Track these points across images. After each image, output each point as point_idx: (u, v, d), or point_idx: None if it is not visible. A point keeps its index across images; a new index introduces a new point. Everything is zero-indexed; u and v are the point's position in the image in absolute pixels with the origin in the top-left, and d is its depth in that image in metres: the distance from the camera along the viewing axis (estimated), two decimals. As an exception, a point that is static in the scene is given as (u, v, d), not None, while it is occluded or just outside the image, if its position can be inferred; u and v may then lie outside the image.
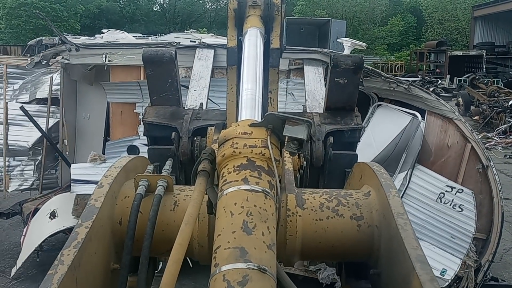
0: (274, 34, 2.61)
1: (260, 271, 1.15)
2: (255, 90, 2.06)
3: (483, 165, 6.58)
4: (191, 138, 2.45)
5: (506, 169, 14.56)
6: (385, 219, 1.62)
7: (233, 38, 2.62)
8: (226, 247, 1.21)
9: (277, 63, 2.62)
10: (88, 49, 7.04)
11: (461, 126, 6.58)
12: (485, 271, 6.80)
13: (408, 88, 6.51)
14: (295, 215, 1.69)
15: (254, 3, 2.64)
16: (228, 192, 1.37)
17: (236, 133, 1.50)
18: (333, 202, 1.73)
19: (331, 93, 2.59)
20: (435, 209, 6.55)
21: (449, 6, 48.49)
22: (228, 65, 2.61)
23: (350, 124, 2.54)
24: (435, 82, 35.65)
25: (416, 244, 1.42)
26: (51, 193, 8.45)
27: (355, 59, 2.49)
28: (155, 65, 2.55)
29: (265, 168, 1.45)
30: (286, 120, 1.49)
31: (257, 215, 1.30)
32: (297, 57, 6.34)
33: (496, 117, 20.22)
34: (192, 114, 2.58)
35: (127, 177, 1.85)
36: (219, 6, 67.14)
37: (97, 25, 58.37)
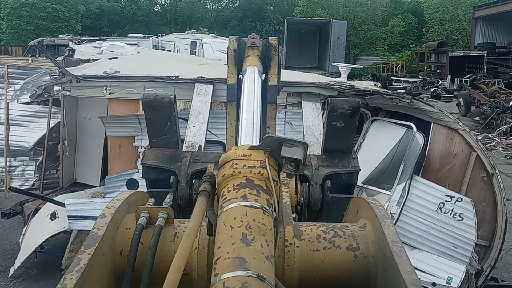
0: (272, 72, 2.74)
1: (259, 279, 1.18)
2: (252, 119, 2.15)
3: (488, 173, 6.64)
4: (190, 182, 2.46)
5: (506, 170, 14.56)
6: (381, 248, 1.66)
7: (233, 76, 2.74)
8: (226, 258, 1.25)
9: (274, 100, 2.72)
10: (88, 81, 7.04)
11: (466, 136, 6.65)
12: (486, 275, 6.84)
13: (411, 103, 6.59)
14: (292, 246, 1.72)
15: (253, 44, 2.77)
16: (228, 209, 1.42)
17: (236, 155, 1.57)
18: (330, 233, 1.76)
19: (329, 136, 2.63)
20: (436, 219, 6.60)
21: (450, 7, 48.49)
22: (228, 101, 2.70)
23: (348, 167, 2.57)
24: (435, 82, 35.67)
25: (411, 270, 1.46)
26: (52, 193, 8.47)
27: (352, 103, 2.54)
28: (155, 109, 2.59)
29: (263, 187, 1.51)
30: (283, 142, 1.55)
31: (256, 229, 1.34)
32: (295, 90, 6.53)
33: (496, 117, 20.22)
34: (190, 157, 2.60)
35: (128, 210, 1.89)
36: (220, 6, 67.19)
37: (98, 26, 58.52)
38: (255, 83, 2.46)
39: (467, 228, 6.51)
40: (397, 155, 6.54)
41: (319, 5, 49.26)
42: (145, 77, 6.96)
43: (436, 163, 6.66)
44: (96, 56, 8.10)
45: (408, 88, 33.36)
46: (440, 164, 6.66)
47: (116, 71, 7.01)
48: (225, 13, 66.33)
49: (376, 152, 6.62)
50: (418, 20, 55.26)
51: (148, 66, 7.97)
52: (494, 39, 40.18)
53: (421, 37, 53.30)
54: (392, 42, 51.80)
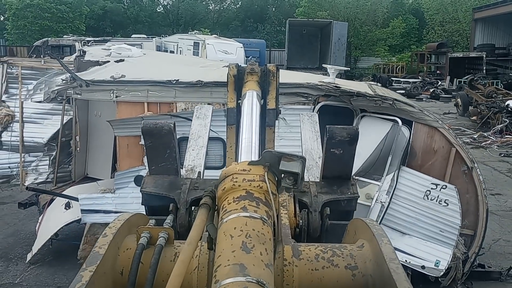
0: (270, 97, 2.85)
1: (259, 285, 1.21)
2: (251, 138, 2.25)
3: (468, 166, 7.13)
4: (189, 209, 2.47)
5: (500, 167, 15.05)
6: (378, 266, 1.68)
7: (233, 101, 2.84)
8: (226, 265, 1.28)
9: (273, 123, 2.80)
10: (97, 85, 7.60)
11: (446, 133, 7.15)
12: (472, 262, 7.33)
13: (393, 104, 7.09)
14: (291, 265, 1.74)
15: (252, 70, 2.85)
16: (228, 219, 1.47)
17: (236, 170, 1.62)
18: (328, 253, 1.79)
19: (327, 163, 2.62)
20: (423, 206, 7.08)
21: (450, 8, 48.83)
22: (228, 125, 2.79)
23: (347, 194, 2.55)
24: (435, 83, 36.11)
25: (408, 285, 1.48)
26: (65, 186, 8.99)
27: (350, 131, 2.55)
28: (154, 137, 2.61)
29: (262, 200, 1.56)
30: (282, 157, 1.61)
31: (255, 238, 1.39)
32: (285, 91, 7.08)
33: (493, 117, 20.66)
34: (190, 184, 2.59)
35: (129, 231, 1.91)
36: (222, 7, 67.62)
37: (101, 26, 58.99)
38: (254, 106, 2.57)
39: (452, 213, 7.00)
40: (385, 148, 7.04)
41: (321, 7, 49.63)
42: (148, 81, 7.53)
43: (418, 160, 7.17)
44: (105, 58, 8.62)
45: (408, 89, 33.82)
46: (422, 160, 7.16)
47: (122, 75, 7.56)
48: (227, 14, 66.75)
49: (366, 145, 7.10)
50: (419, 21, 55.56)
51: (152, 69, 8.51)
52: (493, 41, 40.52)
53: (422, 38, 53.63)
54: (393, 43, 52.16)
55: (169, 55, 19.35)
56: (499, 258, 8.62)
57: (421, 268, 6.99)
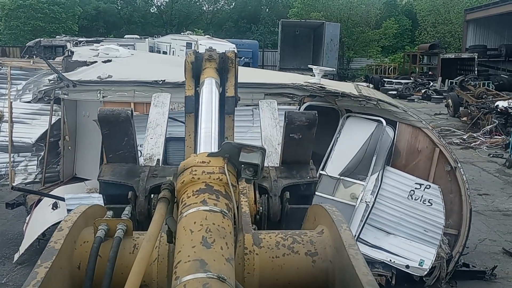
0: (229, 84, 2.81)
1: (220, 280, 1.21)
2: (211, 128, 2.21)
3: (451, 166, 7.22)
4: (148, 197, 2.43)
5: (488, 167, 15.17)
6: (338, 252, 1.70)
7: (191, 88, 2.78)
8: (186, 261, 1.27)
9: (232, 111, 2.78)
10: (84, 85, 7.62)
11: (429, 133, 7.23)
12: (456, 261, 7.42)
13: (377, 104, 7.17)
14: (252, 253, 1.74)
15: (210, 57, 2.81)
16: (188, 214, 1.44)
17: (195, 162, 1.59)
18: (289, 240, 1.79)
19: (287, 148, 2.65)
20: (407, 206, 7.18)
21: (442, 10, 49.01)
22: (186, 113, 2.74)
23: (306, 178, 2.59)
24: (427, 84, 36.26)
25: (367, 271, 1.50)
26: (53, 186, 9.00)
27: (309, 116, 2.58)
28: (111, 125, 2.56)
29: (222, 192, 1.54)
30: (241, 148, 1.59)
31: (215, 232, 1.37)
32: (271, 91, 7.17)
33: (483, 118, 20.79)
34: (148, 172, 2.55)
35: (86, 224, 1.86)
36: (216, 8, 67.59)
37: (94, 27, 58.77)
38: (213, 95, 2.53)
39: (436, 213, 7.09)
40: (370, 148, 7.12)
41: (314, 8, 49.72)
42: (134, 81, 7.57)
43: (402, 160, 7.26)
44: (92, 59, 8.65)
45: (399, 90, 33.98)
46: (406, 161, 7.25)
47: (109, 75, 7.60)
48: (221, 14, 66.65)
49: (351, 145, 7.19)
50: (412, 22, 55.76)
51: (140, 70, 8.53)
52: (485, 42, 40.68)
53: (414, 39, 53.83)
54: (386, 44, 52.33)
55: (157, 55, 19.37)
56: (484, 258, 8.70)
57: (405, 268, 7.06)
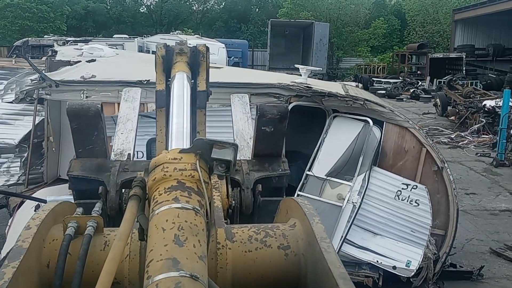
0: (201, 78, 2.79)
1: (193, 279, 1.21)
2: (183, 123, 2.20)
3: (438, 166, 7.19)
4: (119, 191, 2.39)
5: (476, 166, 15.21)
6: (310, 245, 1.71)
7: (162, 82, 2.78)
8: (158, 259, 1.25)
9: (204, 105, 2.76)
10: (67, 85, 7.48)
11: (416, 133, 7.20)
12: (443, 261, 7.40)
13: (364, 104, 7.12)
14: (225, 248, 1.74)
15: (181, 50, 2.79)
16: (160, 211, 1.43)
17: (166, 159, 1.58)
18: (261, 234, 1.79)
19: (259, 141, 2.65)
20: (394, 206, 7.14)
21: (430, 10, 49.28)
22: (157, 108, 2.73)
23: (278, 170, 2.60)
24: (415, 83, 36.42)
25: (339, 264, 1.51)
26: (37, 188, 8.84)
27: (280, 109, 2.59)
28: (81, 119, 2.53)
29: (194, 189, 1.52)
30: (213, 144, 1.58)
31: (188, 230, 1.36)
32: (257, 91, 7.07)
33: (471, 117, 20.88)
34: (119, 166, 2.53)
35: (55, 221, 1.81)
36: (206, 8, 67.42)
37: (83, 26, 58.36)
38: (184, 89, 2.52)
39: (423, 213, 7.06)
40: (357, 148, 7.07)
41: (303, 7, 49.77)
42: (118, 81, 7.44)
43: (389, 160, 7.22)
44: (76, 58, 8.51)
45: (388, 89, 34.07)
46: (393, 161, 7.21)
47: (93, 75, 7.46)
48: (210, 14, 66.45)
49: (338, 145, 7.14)
50: (401, 22, 55.99)
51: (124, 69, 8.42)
52: (473, 41, 40.99)
53: (403, 39, 54.08)
54: (375, 44, 52.51)
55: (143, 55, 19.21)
56: (472, 258, 8.70)
57: (392, 269, 7.02)
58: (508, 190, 12.84)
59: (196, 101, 2.71)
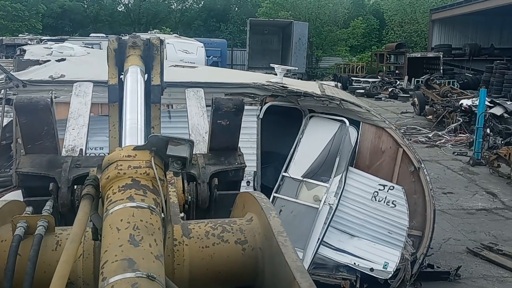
0: (155, 72, 2.74)
1: (149, 279, 1.19)
2: (137, 119, 2.15)
3: (415, 167, 7.13)
4: (71, 188, 2.33)
5: (453, 166, 15.30)
6: (267, 239, 1.70)
7: (114, 76, 2.71)
8: (113, 260, 1.23)
9: (158, 100, 2.71)
10: (35, 85, 7.21)
11: (393, 134, 7.13)
12: (420, 263, 7.35)
13: (340, 104, 7.02)
14: (181, 244, 1.71)
15: (134, 44, 2.74)
16: (114, 211, 1.39)
17: (120, 156, 1.54)
18: (218, 229, 1.78)
19: (214, 135, 2.64)
20: (371, 207, 7.06)
21: (408, 9, 49.70)
22: (110, 103, 2.66)
23: (234, 164, 2.60)
24: (394, 83, 36.68)
25: (296, 257, 1.50)
26: (5, 191, 8.56)
27: (236, 102, 2.58)
28: (30, 114, 2.45)
29: (150, 187, 1.49)
30: (169, 141, 1.55)
31: (143, 229, 1.34)
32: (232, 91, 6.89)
33: (448, 116, 21.05)
34: (71, 162, 2.45)
35: (3, 221, 1.75)
36: (185, 6, 66.97)
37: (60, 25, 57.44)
38: (138, 83, 2.47)
39: (400, 214, 6.99)
40: (333, 149, 6.97)
41: (282, 7, 49.76)
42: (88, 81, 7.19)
43: (366, 160, 7.14)
44: (45, 57, 8.24)
45: (367, 88, 34.23)
46: (370, 161, 7.14)
47: (62, 75, 7.21)
48: (189, 13, 65.97)
49: (314, 146, 7.03)
50: (379, 22, 56.39)
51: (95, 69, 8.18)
52: (450, 41, 41.44)
53: (382, 39, 54.48)
54: (354, 43, 52.79)
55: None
56: (449, 258, 8.69)
57: (369, 271, 6.94)
58: (484, 189, 12.93)
59: (150, 95, 2.64)
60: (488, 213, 11.18)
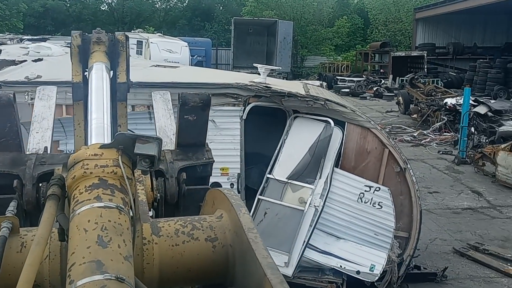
0: (120, 69, 2.68)
1: (118, 281, 1.16)
2: (103, 118, 2.10)
3: (401, 167, 7.03)
4: (36, 185, 2.28)
5: (438, 164, 15.30)
6: (238, 236, 1.69)
7: (78, 74, 2.62)
8: (81, 263, 1.20)
9: (124, 97, 2.65)
10: (10, 86, 6.97)
11: (378, 134, 7.02)
12: (407, 264, 7.25)
13: (325, 104, 6.89)
14: (151, 243, 1.69)
15: (98, 39, 2.67)
16: (81, 211, 1.37)
17: (86, 155, 1.50)
18: (188, 227, 1.76)
19: (181, 130, 2.62)
20: (357, 209, 6.94)
21: (392, 8, 49.94)
22: (74, 101, 2.58)
23: (202, 159, 2.59)
24: (378, 82, 36.80)
25: (266, 254, 1.49)
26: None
27: (202, 97, 2.56)
28: None
29: (117, 186, 1.47)
30: (136, 139, 1.52)
31: (112, 229, 1.31)
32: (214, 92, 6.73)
33: (432, 115, 21.10)
34: (36, 159, 2.40)
35: None
36: (169, 5, 66.52)
37: (42, 25, 56.65)
38: (103, 81, 2.41)
39: (386, 216, 6.89)
40: (318, 150, 6.83)
41: (267, 6, 49.64)
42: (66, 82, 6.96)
43: (351, 161, 7.02)
44: (22, 57, 7.98)
45: (352, 87, 34.26)
46: (356, 162, 7.02)
47: (38, 75, 6.98)
48: (174, 12, 65.57)
49: (299, 147, 6.89)
50: (364, 21, 56.56)
51: None
52: (434, 40, 41.75)
53: (366, 38, 54.66)
54: (339, 43, 52.86)
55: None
56: (435, 258, 8.62)
57: (356, 274, 6.82)
58: (470, 188, 12.93)
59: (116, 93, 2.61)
60: (473, 212, 11.16)
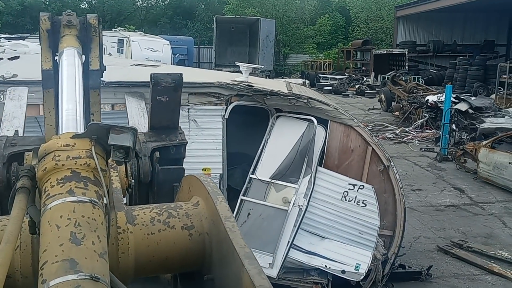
0: (93, 55, 2.56)
1: (93, 280, 1.13)
2: (75, 110, 2.02)
3: (384, 165, 6.99)
4: (7, 165, 2.25)
5: (420, 162, 15.37)
6: (214, 225, 1.66)
7: (48, 60, 2.51)
8: (53, 261, 1.16)
9: (97, 85, 2.57)
10: None
11: (361, 132, 6.98)
12: (392, 263, 7.22)
13: (307, 103, 6.82)
14: (126, 232, 1.65)
15: (69, 22, 2.55)
16: (53, 206, 1.31)
17: (58, 146, 1.44)
18: (164, 215, 1.72)
19: (154, 112, 2.60)
20: (341, 208, 6.89)
21: (374, 7, 50.19)
22: (44, 89, 2.49)
23: (175, 140, 2.59)
24: (360, 79, 36.97)
25: (244, 243, 1.46)
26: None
27: (174, 77, 2.52)
28: None
29: (91, 179, 1.41)
30: (110, 129, 1.46)
31: (85, 225, 1.27)
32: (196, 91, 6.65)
33: (414, 112, 21.21)
34: (6, 141, 2.39)
35: None
36: (150, 4, 65.97)
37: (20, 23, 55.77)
38: (75, 67, 2.31)
39: (371, 214, 6.84)
40: (301, 149, 6.76)
41: (249, 4, 49.52)
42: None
43: (335, 160, 6.96)
44: None
45: (334, 85, 34.36)
46: (339, 160, 6.97)
47: (14, 74, 6.77)
48: (155, 10, 65.05)
49: (282, 146, 6.81)
50: (345, 19, 56.78)
51: None
52: (415, 38, 42.02)
53: (348, 36, 54.89)
54: (321, 41, 52.98)
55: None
56: (420, 257, 8.61)
57: (341, 273, 6.76)
58: (452, 185, 13.00)
59: (88, 80, 2.51)
60: (456, 209, 11.21)
